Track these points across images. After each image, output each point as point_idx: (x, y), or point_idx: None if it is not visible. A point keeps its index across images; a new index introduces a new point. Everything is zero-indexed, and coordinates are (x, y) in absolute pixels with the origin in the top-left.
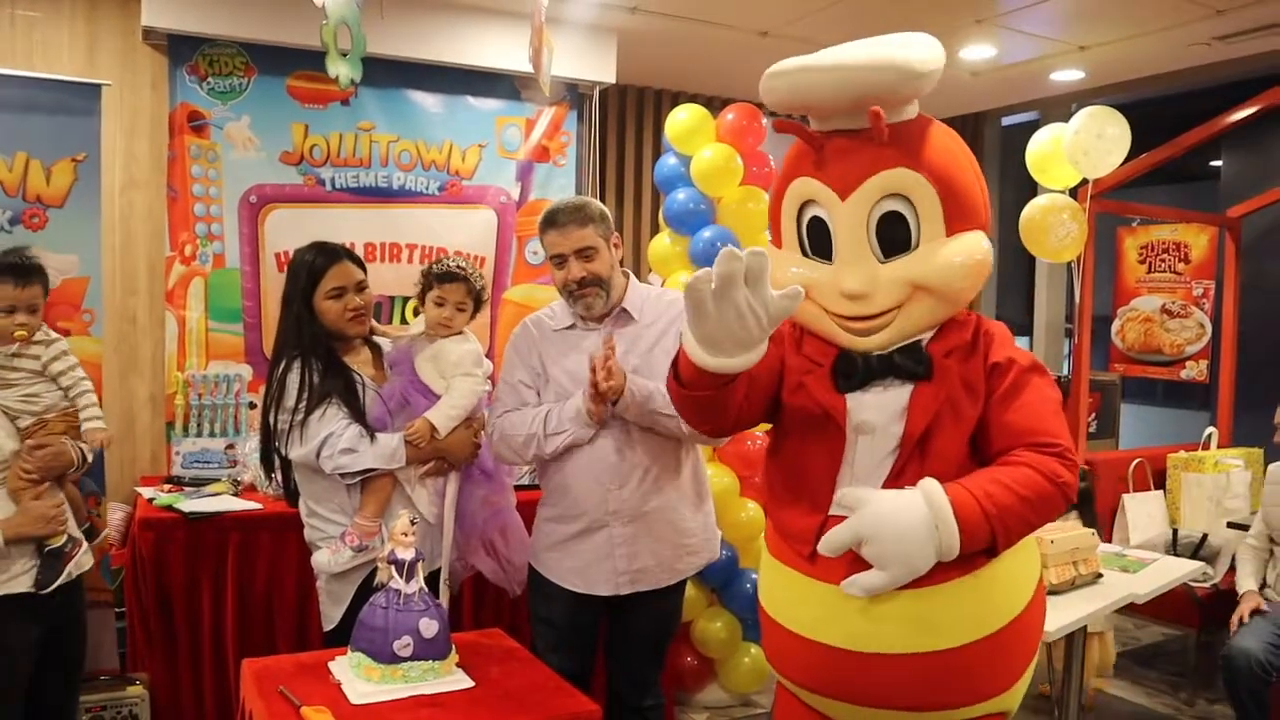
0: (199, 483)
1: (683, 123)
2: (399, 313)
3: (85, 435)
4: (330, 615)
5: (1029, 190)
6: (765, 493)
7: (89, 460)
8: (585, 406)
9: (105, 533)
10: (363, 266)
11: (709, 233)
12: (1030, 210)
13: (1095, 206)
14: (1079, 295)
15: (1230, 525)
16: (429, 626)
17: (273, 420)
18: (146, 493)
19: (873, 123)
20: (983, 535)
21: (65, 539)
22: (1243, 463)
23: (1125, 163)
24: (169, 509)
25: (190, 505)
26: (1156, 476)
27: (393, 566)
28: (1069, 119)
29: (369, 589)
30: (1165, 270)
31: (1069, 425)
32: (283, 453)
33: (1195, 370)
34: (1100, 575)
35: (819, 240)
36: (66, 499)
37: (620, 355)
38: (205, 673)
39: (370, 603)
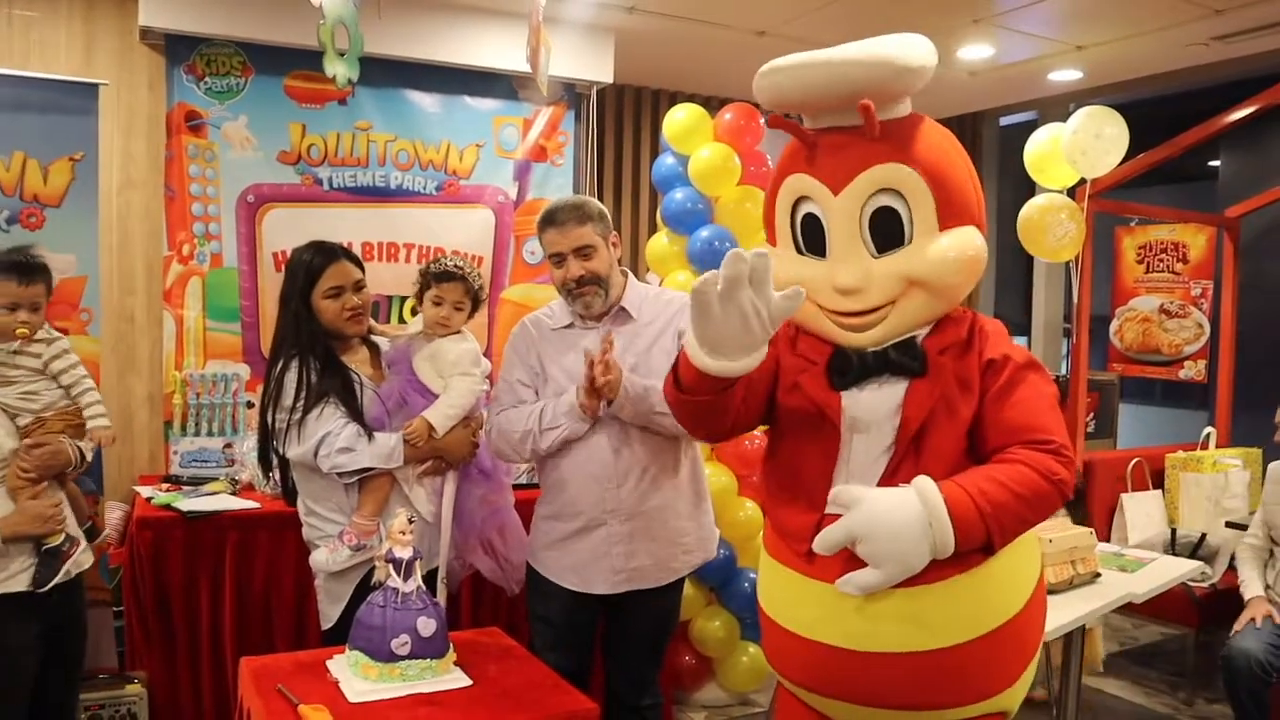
0: (197, 482)
1: (680, 122)
2: (397, 312)
3: (90, 432)
4: (328, 614)
5: (1027, 190)
6: (763, 492)
7: (88, 459)
8: (579, 400)
9: (105, 533)
10: (360, 266)
11: (707, 232)
12: (1028, 210)
13: (1093, 206)
14: (1077, 295)
15: (1229, 525)
16: (427, 625)
17: (271, 419)
18: (145, 492)
19: (864, 116)
20: (978, 533)
21: (63, 538)
22: (1241, 462)
23: (1123, 162)
24: (167, 508)
25: (188, 504)
26: (1155, 476)
27: (390, 565)
28: (1067, 119)
29: (367, 588)
30: (1163, 270)
31: (1067, 425)
32: (281, 452)
33: (1193, 370)
34: (1098, 575)
35: (813, 237)
36: (67, 498)
37: (618, 354)
38: (203, 671)
39: (368, 601)
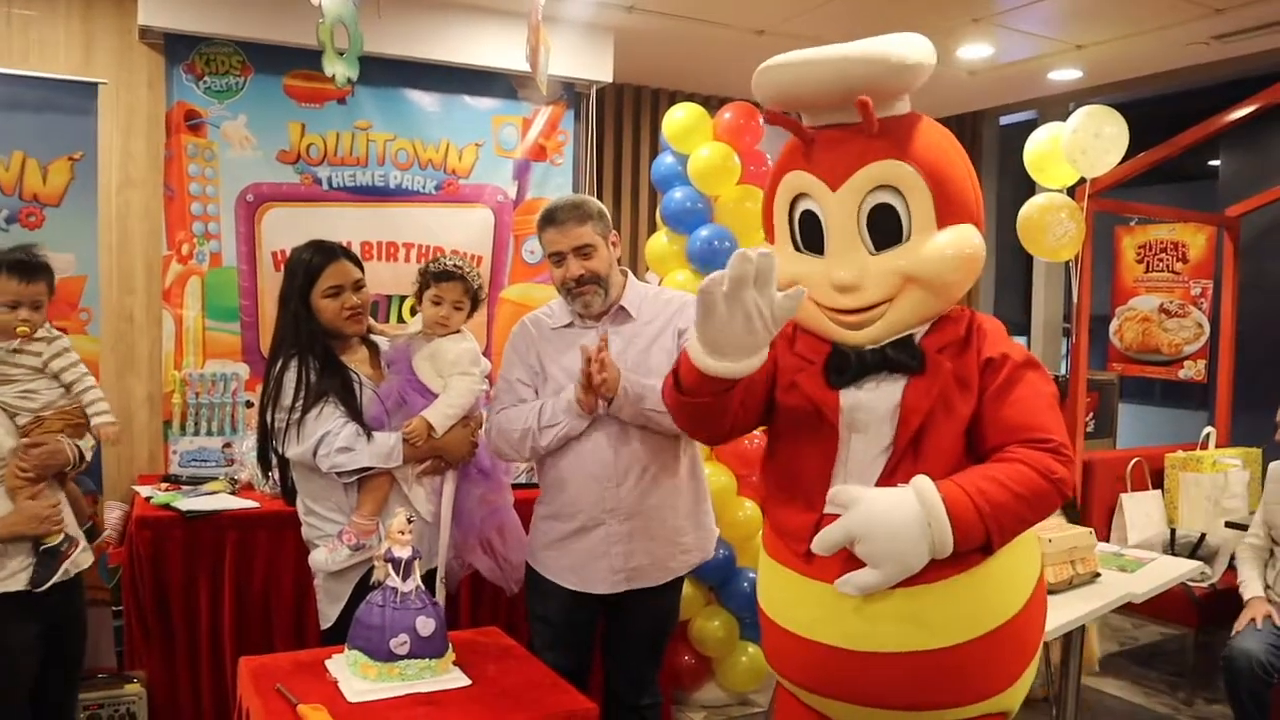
0: (196, 481)
1: (680, 121)
2: (396, 311)
3: (95, 430)
4: (327, 613)
5: (1027, 189)
6: (762, 492)
7: (87, 459)
8: (576, 396)
9: (105, 533)
10: (360, 265)
11: (706, 231)
12: (1028, 209)
13: (1093, 206)
14: (1077, 295)
15: (1228, 525)
16: (426, 624)
17: (270, 419)
18: (144, 491)
19: (861, 112)
20: (977, 532)
21: (62, 537)
22: (1241, 462)
23: (1123, 162)
24: (166, 508)
25: (188, 504)
26: (1154, 476)
27: (390, 564)
28: (1067, 118)
29: (366, 587)
30: (1163, 270)
31: (1067, 425)
32: (280, 451)
33: (1193, 370)
34: (1098, 575)
35: (811, 234)
36: (67, 498)
37: (617, 353)
38: (202, 671)
39: (367, 601)
